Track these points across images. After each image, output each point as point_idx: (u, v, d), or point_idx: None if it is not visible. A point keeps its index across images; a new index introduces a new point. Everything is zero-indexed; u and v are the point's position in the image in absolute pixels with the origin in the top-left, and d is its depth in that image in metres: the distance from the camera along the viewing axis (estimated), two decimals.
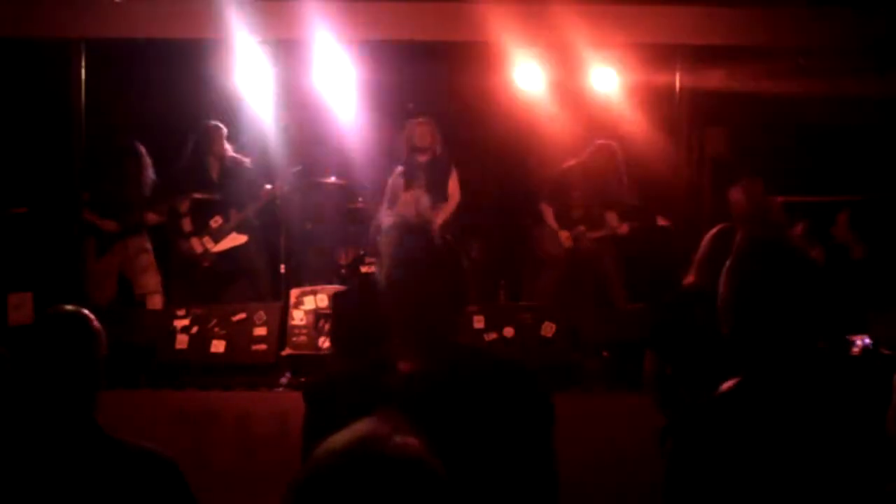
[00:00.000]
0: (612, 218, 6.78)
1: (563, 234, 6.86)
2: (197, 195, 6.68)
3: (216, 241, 6.72)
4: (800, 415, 1.88)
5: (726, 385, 2.01)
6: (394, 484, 1.21)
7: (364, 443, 1.24)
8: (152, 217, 6.69)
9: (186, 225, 6.69)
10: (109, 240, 6.63)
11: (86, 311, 2.17)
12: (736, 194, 5.30)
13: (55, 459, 2.00)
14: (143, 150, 6.71)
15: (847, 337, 5.05)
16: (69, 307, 2.17)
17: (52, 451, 2.01)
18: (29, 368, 2.07)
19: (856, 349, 5.04)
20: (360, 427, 1.27)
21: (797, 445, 1.86)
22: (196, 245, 6.68)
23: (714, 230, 4.45)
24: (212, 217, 6.72)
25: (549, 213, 6.95)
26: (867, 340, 5.01)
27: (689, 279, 4.40)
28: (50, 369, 2.07)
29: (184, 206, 6.69)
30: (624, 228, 6.78)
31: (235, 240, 6.76)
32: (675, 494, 1.90)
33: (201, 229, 6.70)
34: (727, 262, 2.04)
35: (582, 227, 6.85)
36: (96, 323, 2.15)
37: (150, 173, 6.73)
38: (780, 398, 1.90)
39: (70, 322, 2.13)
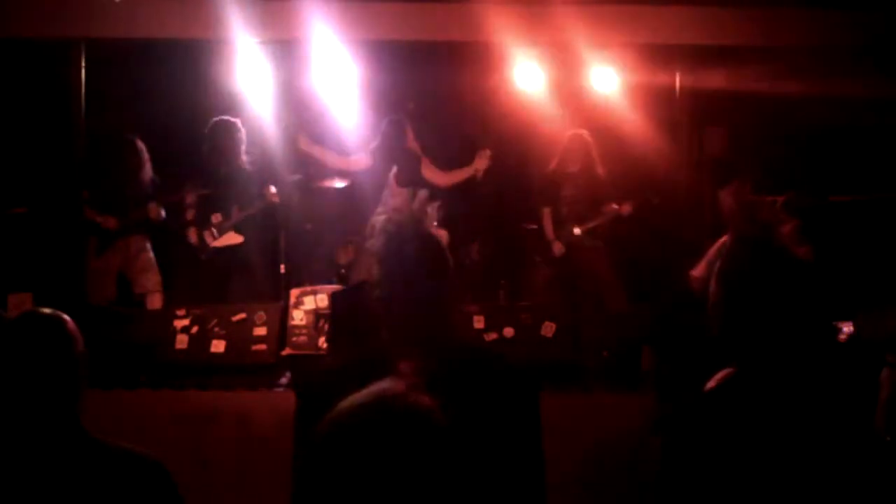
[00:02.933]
0: (609, 206, 6.76)
1: (556, 245, 6.85)
2: (205, 191, 6.64)
3: (215, 236, 6.71)
4: (791, 409, 1.89)
5: (717, 378, 2.02)
6: (404, 436, 1.34)
7: (380, 398, 1.37)
8: (155, 209, 6.60)
9: (189, 215, 6.66)
10: (110, 238, 6.61)
11: (62, 314, 2.13)
12: (725, 197, 5.32)
13: (36, 462, 1.98)
14: (142, 145, 6.69)
15: (834, 324, 5.08)
16: (46, 309, 2.14)
17: (32, 453, 1.99)
18: (2, 370, 2.05)
19: (843, 336, 5.07)
20: (380, 384, 1.40)
21: (789, 439, 1.87)
22: (193, 235, 6.66)
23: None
24: (214, 213, 6.70)
25: (547, 217, 6.93)
26: (852, 328, 5.05)
27: (696, 272, 4.42)
28: (24, 371, 2.03)
29: (190, 198, 6.66)
30: (627, 208, 6.75)
31: (232, 238, 6.74)
32: (669, 488, 1.91)
33: (203, 223, 6.68)
34: (717, 266, 2.05)
35: (573, 227, 6.82)
36: (72, 325, 2.11)
37: (150, 169, 6.71)
38: (771, 392, 1.91)
39: (43, 323, 2.09)
